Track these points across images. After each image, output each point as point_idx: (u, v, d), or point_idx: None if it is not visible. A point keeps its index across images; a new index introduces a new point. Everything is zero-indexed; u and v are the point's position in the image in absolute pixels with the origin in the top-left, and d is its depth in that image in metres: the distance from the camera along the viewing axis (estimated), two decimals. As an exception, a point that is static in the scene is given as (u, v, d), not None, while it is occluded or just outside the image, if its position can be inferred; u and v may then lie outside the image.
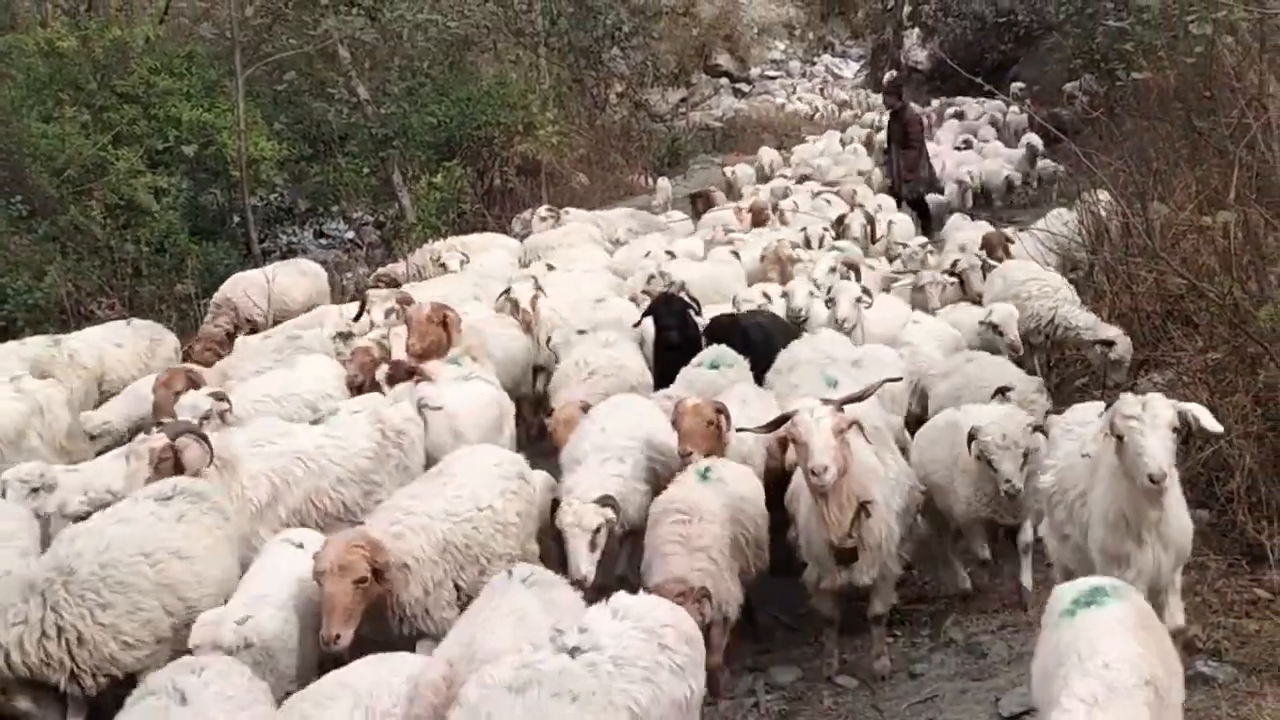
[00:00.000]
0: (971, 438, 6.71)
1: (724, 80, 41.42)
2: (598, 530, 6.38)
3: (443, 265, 14.26)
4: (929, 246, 12.96)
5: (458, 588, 6.27)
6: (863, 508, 6.22)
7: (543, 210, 18.07)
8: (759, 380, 8.89)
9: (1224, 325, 7.73)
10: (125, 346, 10.92)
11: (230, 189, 18.59)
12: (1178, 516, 5.27)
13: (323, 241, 22.34)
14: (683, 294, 10.77)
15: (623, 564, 7.36)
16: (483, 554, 6.41)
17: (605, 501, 6.53)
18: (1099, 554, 5.34)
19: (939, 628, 7.21)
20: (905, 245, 13.63)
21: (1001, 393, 7.60)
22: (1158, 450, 4.95)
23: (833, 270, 11.45)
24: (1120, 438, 5.06)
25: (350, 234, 22.10)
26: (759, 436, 7.26)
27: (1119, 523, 5.20)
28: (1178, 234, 9.71)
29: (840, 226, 14.58)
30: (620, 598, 5.00)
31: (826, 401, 6.21)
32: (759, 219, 16.62)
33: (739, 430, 7.19)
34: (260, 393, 8.79)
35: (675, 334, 9.88)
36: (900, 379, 8.60)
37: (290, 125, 20.33)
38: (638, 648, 4.67)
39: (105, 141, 15.96)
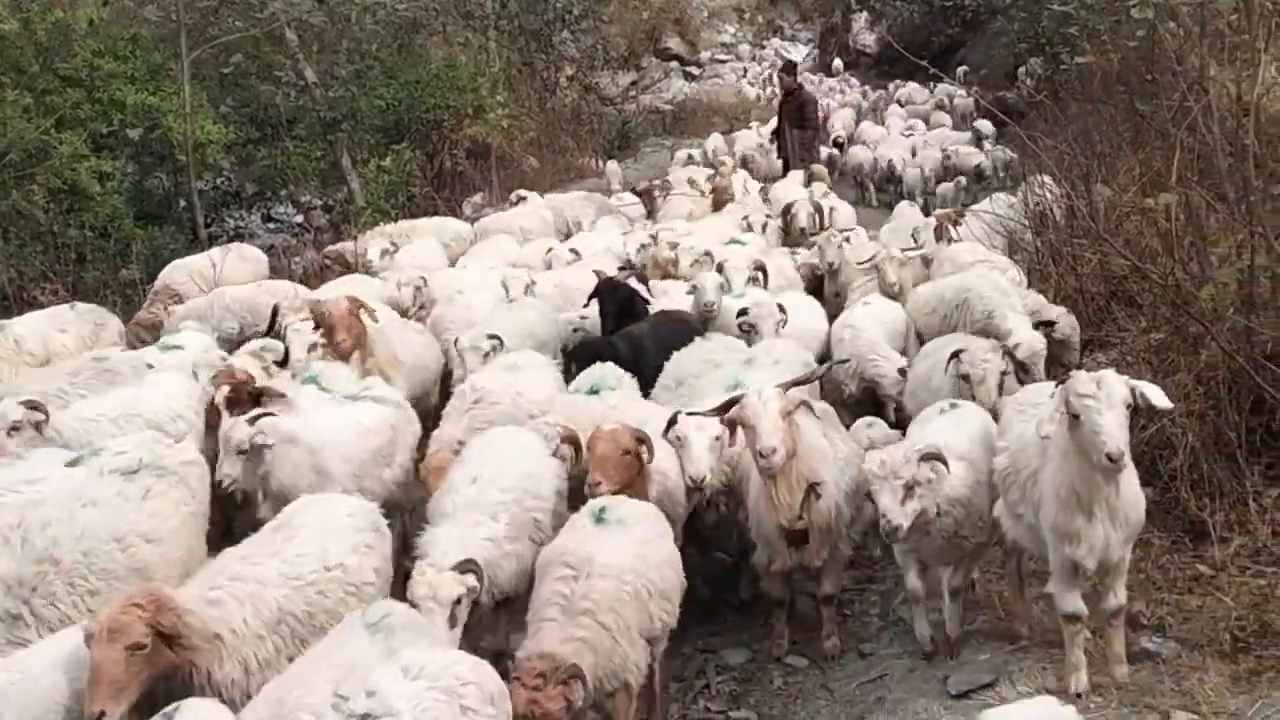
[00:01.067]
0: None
1: (674, 64, 41.31)
2: (457, 602, 5.39)
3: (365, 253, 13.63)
4: (845, 235, 12.69)
5: None
6: (812, 489, 6.26)
7: (523, 192, 17.99)
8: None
9: (1166, 306, 7.83)
10: (69, 331, 10.69)
11: (176, 173, 18.41)
12: (1130, 490, 5.34)
13: (271, 225, 22.16)
14: (633, 278, 10.69)
15: (501, 636, 6.28)
16: (331, 622, 5.34)
17: (466, 567, 5.54)
18: (1050, 531, 5.41)
19: (888, 608, 7.28)
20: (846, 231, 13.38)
21: (956, 356, 7.57)
22: (1115, 429, 5.00)
23: (751, 280, 10.79)
24: (1076, 417, 5.10)
25: (299, 218, 21.92)
26: (677, 466, 6.78)
27: (1070, 499, 5.27)
28: (1121, 216, 9.83)
29: (788, 216, 14.50)
30: (411, 654, 4.41)
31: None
32: (719, 202, 16.59)
33: (689, 414, 6.86)
34: (94, 413, 7.65)
35: (613, 321, 9.75)
36: (846, 361, 8.66)
37: (237, 108, 20.14)
38: (437, 710, 4.15)
39: (48, 125, 15.69)
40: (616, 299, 10.01)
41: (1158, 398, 5.19)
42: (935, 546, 6.14)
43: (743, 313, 9.43)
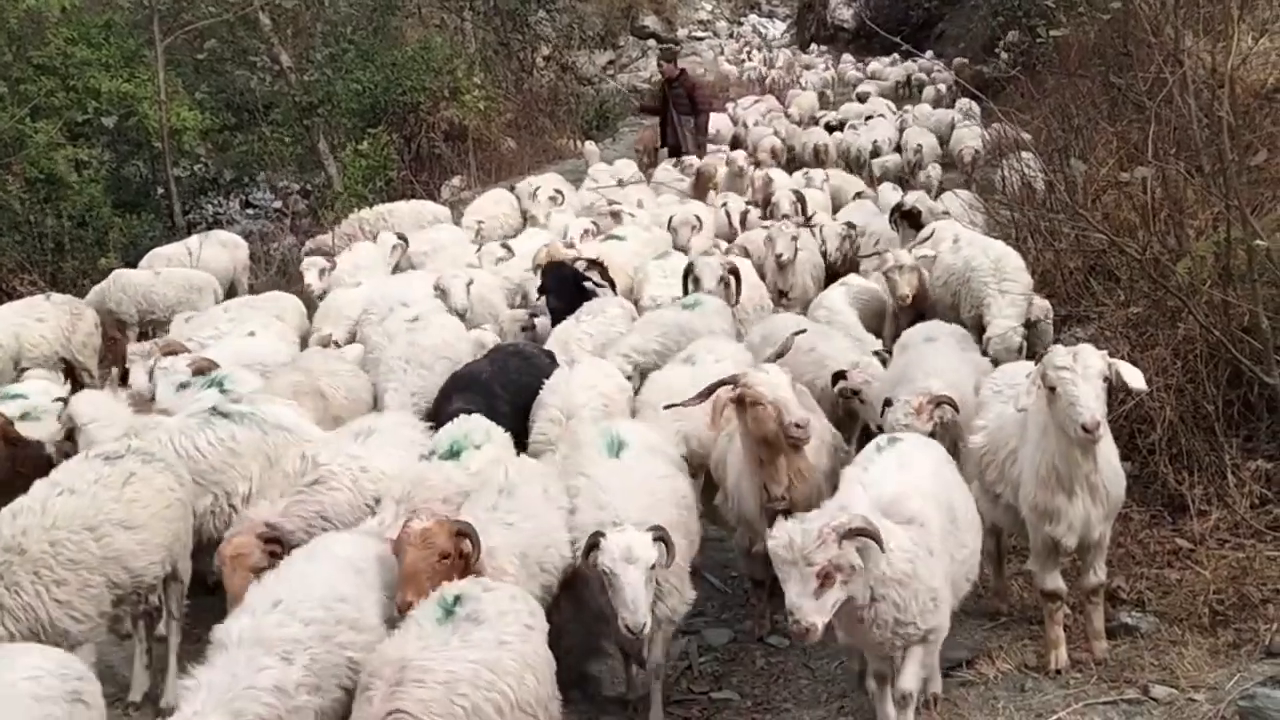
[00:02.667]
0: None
1: (651, 42, 41.07)
2: None
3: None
4: (799, 225, 12.28)
5: None
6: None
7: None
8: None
9: (1144, 279, 7.84)
10: (47, 321, 10.67)
11: (153, 160, 18.36)
12: (1109, 465, 5.35)
13: (249, 211, 22.08)
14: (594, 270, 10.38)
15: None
16: None
17: None
18: (1030, 510, 5.43)
19: (870, 587, 7.27)
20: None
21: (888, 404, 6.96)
22: (1090, 400, 5.01)
23: (721, 281, 9.81)
24: (1052, 389, 5.11)
25: (277, 203, 21.83)
26: (542, 552, 5.76)
27: (1049, 477, 5.28)
28: (1098, 190, 9.84)
29: (769, 207, 14.29)
30: None
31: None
32: (703, 185, 16.36)
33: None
34: None
35: (563, 314, 9.37)
36: (804, 331, 8.56)
37: (212, 94, 20.07)
38: None
39: (22, 114, 15.58)
40: (562, 288, 9.67)
41: (1134, 379, 5.21)
42: (874, 639, 4.82)
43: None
